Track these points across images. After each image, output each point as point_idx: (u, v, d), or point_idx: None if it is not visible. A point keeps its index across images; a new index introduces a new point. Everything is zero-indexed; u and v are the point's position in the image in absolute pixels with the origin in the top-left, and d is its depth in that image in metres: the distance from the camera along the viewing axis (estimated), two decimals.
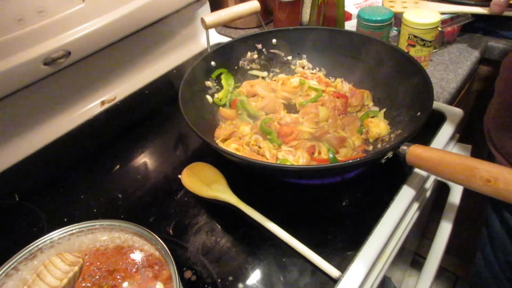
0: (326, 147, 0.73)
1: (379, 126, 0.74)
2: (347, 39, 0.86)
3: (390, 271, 0.69)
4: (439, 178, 0.70)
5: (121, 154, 0.82)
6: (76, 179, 0.77)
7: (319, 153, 0.73)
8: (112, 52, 0.92)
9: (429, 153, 0.57)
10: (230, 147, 0.74)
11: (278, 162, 0.70)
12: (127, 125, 0.90)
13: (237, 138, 0.77)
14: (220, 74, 0.87)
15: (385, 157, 0.61)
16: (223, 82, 0.87)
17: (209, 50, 0.86)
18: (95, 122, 0.91)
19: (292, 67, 0.93)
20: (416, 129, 0.61)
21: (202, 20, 0.85)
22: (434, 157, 0.56)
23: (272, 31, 0.90)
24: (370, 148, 0.75)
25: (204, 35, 1.13)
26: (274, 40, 0.90)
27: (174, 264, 0.46)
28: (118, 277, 0.45)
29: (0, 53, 0.72)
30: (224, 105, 0.86)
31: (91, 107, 0.93)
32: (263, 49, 0.91)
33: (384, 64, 0.80)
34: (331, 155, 0.70)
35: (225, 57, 0.87)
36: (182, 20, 1.07)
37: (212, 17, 0.86)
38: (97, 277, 0.45)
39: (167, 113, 0.92)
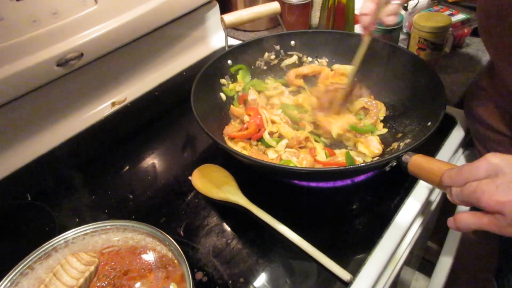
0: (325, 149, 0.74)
1: (369, 147, 0.73)
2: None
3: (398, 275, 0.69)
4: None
5: (132, 155, 0.82)
6: (87, 180, 0.77)
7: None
8: (123, 54, 0.93)
9: (430, 164, 0.55)
10: (238, 145, 0.75)
11: (281, 163, 0.70)
12: (137, 126, 0.91)
13: None
14: (238, 70, 0.88)
15: (389, 165, 0.60)
16: (239, 77, 0.88)
17: (227, 48, 0.86)
18: (105, 123, 0.91)
19: None
20: (422, 139, 0.60)
21: (222, 19, 0.85)
22: (435, 168, 0.53)
23: (292, 33, 0.90)
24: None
25: (214, 38, 1.15)
26: (292, 42, 0.90)
27: (187, 264, 0.46)
28: (132, 277, 0.46)
29: (15, 54, 0.73)
30: (233, 99, 0.86)
31: (102, 108, 0.94)
32: (281, 50, 0.91)
33: (400, 70, 0.79)
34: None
35: (242, 56, 0.88)
36: (192, 23, 1.08)
37: (232, 16, 0.85)
38: (111, 277, 0.45)
39: (177, 114, 0.93)
